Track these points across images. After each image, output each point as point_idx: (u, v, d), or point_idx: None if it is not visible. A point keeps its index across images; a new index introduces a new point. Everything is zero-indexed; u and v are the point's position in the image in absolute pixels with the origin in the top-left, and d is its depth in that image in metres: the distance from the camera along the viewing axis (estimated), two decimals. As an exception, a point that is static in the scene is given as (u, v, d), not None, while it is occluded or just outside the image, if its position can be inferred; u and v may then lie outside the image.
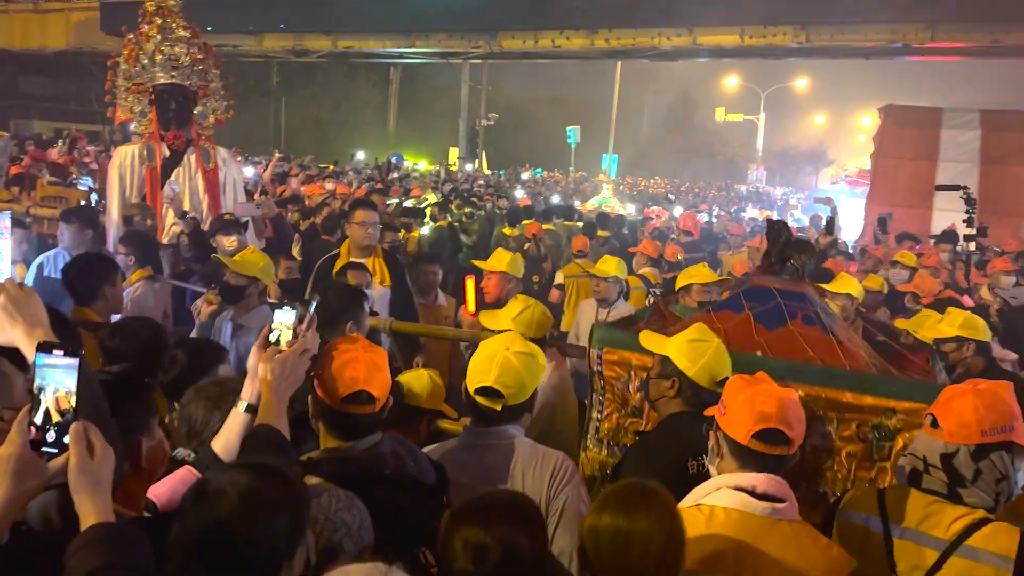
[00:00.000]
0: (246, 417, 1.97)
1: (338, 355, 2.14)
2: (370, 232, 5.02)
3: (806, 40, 19.38)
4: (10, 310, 1.72)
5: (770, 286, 2.92)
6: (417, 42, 23.48)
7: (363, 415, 2.12)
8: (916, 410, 2.42)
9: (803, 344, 2.72)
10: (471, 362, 2.47)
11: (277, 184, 12.76)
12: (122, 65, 6.24)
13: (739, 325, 2.84)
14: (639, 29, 20.63)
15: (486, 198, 14.29)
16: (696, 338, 2.57)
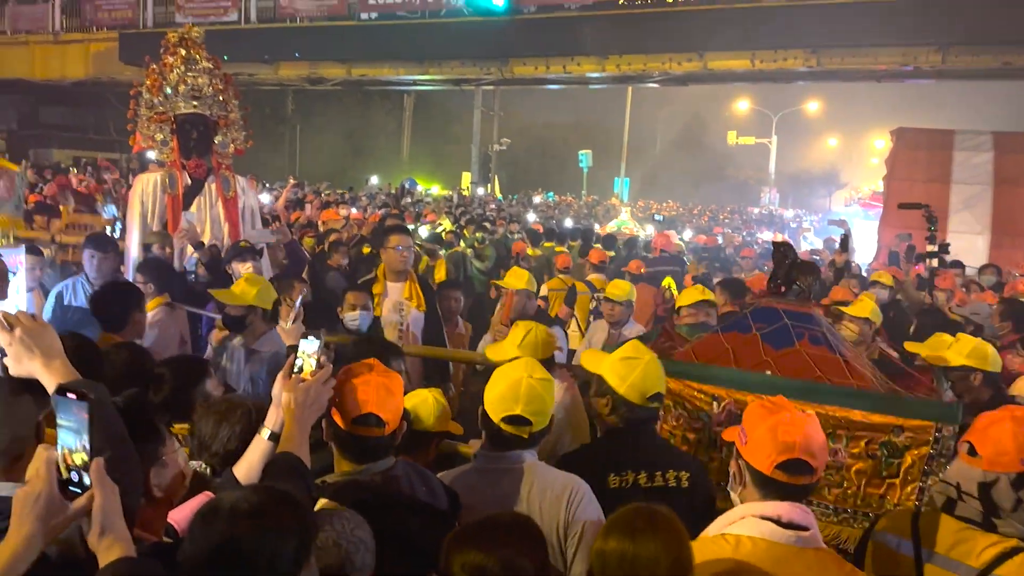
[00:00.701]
0: (269, 444, 2.01)
1: (351, 378, 2.19)
2: (404, 256, 5.15)
3: (816, 64, 19.43)
4: (27, 342, 1.77)
5: (777, 307, 2.97)
6: (430, 69, 23.72)
7: (372, 438, 2.15)
8: (924, 427, 2.46)
9: (811, 364, 2.77)
10: (493, 390, 2.46)
11: (291, 211, 12.89)
12: (145, 95, 6.33)
13: (747, 345, 2.90)
14: (649, 55, 20.76)
15: (499, 223, 14.38)
16: (628, 356, 2.67)
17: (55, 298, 5.18)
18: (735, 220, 30.21)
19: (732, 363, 2.87)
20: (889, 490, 2.56)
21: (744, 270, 10.00)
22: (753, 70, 20.45)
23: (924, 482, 2.55)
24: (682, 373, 2.85)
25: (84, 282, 5.21)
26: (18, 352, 1.76)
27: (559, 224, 17.40)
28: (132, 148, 6.76)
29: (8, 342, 1.76)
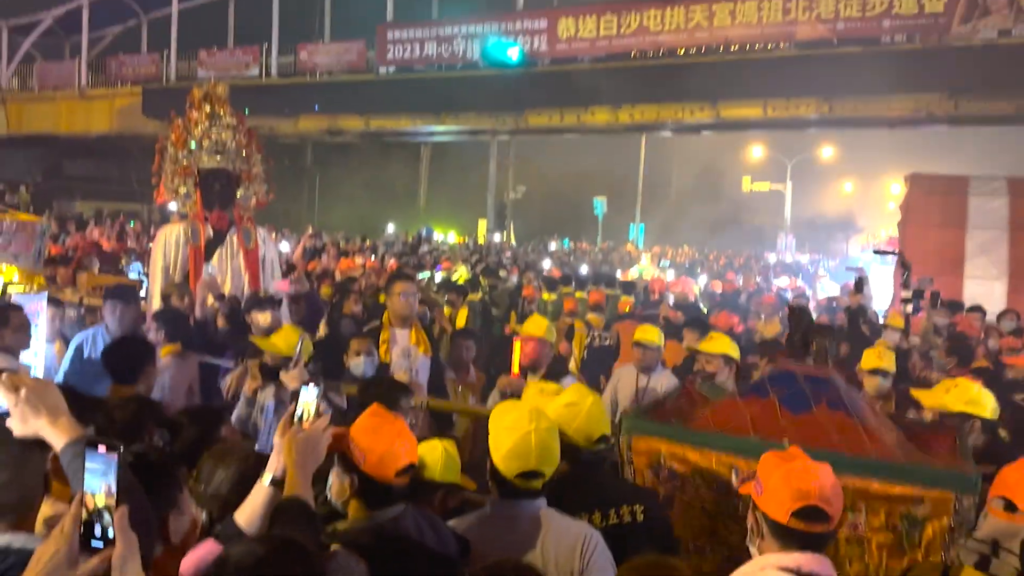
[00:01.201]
0: (270, 490, 2.04)
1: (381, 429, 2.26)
2: (410, 303, 5.20)
3: (829, 111, 19.59)
4: (32, 401, 1.81)
5: (794, 371, 2.96)
6: (447, 120, 24.13)
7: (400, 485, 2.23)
8: (943, 498, 2.42)
9: (828, 429, 2.73)
10: (501, 445, 2.45)
11: (307, 260, 13.02)
12: (169, 148, 6.45)
13: (765, 410, 2.87)
14: (662, 104, 21.02)
15: (513, 270, 14.45)
16: (571, 401, 2.75)
17: (75, 350, 5.22)
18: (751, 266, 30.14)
19: (750, 428, 2.83)
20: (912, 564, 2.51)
21: (763, 317, 9.91)
22: (765, 118, 20.64)
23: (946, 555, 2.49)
24: (700, 442, 2.83)
25: (104, 333, 5.25)
26: (23, 412, 1.79)
27: (575, 270, 17.47)
28: (154, 200, 6.89)
29: (14, 403, 1.80)
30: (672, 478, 2.84)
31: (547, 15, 21.60)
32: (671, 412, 3.26)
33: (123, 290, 5.80)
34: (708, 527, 2.85)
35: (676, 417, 3.19)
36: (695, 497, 2.85)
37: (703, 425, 2.98)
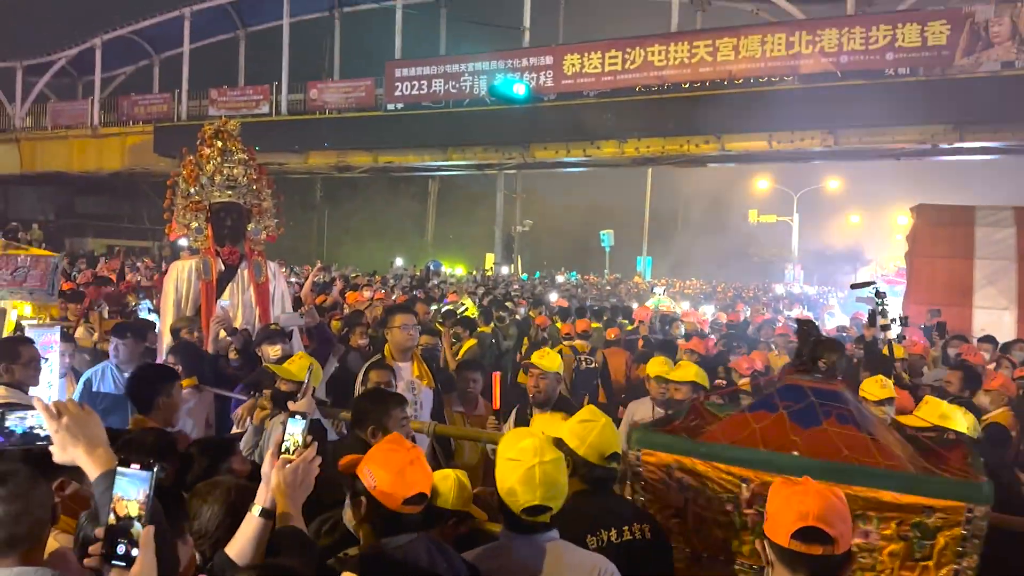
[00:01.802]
0: (260, 521, 2.05)
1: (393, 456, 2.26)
2: (411, 334, 5.21)
3: (834, 143, 19.68)
4: (72, 430, 1.84)
5: (803, 385, 2.96)
6: (454, 155, 24.35)
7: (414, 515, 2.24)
8: (956, 508, 2.43)
9: (838, 443, 2.74)
10: (506, 479, 2.45)
11: (316, 294, 13.06)
12: (181, 184, 6.49)
13: (774, 424, 2.88)
14: (667, 137, 21.17)
15: (521, 302, 14.47)
16: (585, 419, 2.83)
17: (84, 384, 5.26)
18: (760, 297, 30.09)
19: (759, 443, 2.84)
20: (924, 573, 2.52)
21: (778, 349, 9.86)
22: (771, 151, 20.75)
23: (959, 564, 2.49)
24: (709, 455, 2.84)
25: (113, 368, 5.31)
26: (63, 439, 1.82)
27: (582, 302, 17.49)
28: (166, 236, 6.95)
29: (55, 429, 1.84)
30: (683, 490, 2.84)
31: (553, 51, 21.88)
32: (680, 428, 3.27)
33: (133, 326, 5.85)
34: (720, 539, 2.85)
35: (687, 431, 3.20)
36: (707, 509, 2.85)
37: (712, 439, 2.99)
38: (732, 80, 19.53)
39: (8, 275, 5.17)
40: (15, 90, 30.24)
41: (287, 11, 25.55)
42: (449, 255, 39.57)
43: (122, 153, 28.15)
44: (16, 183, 33.02)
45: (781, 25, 19.54)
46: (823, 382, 2.97)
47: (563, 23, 24.47)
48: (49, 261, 5.60)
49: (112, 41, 28.60)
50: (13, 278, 5.20)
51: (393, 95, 23.53)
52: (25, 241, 24.73)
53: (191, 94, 27.18)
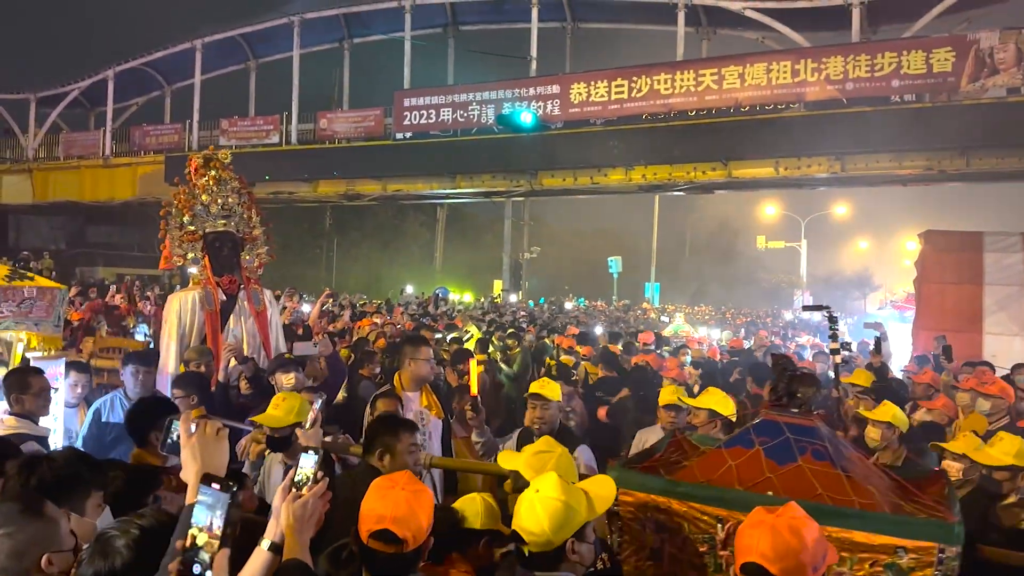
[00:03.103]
0: (269, 555, 2.05)
1: (376, 489, 2.24)
2: (433, 368, 5.23)
3: (841, 170, 19.71)
4: (195, 450, 1.87)
5: (779, 420, 2.94)
6: (462, 183, 24.49)
7: (386, 554, 2.18)
8: (928, 548, 2.42)
9: (812, 480, 2.72)
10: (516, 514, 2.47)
11: (326, 321, 13.10)
12: (175, 215, 6.53)
13: (750, 461, 2.86)
14: (674, 165, 21.25)
15: (530, 329, 14.44)
16: (541, 450, 2.93)
17: (93, 414, 5.24)
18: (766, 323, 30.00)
19: (735, 479, 2.81)
20: None
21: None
22: (777, 177, 20.79)
23: None
24: (686, 494, 2.80)
25: (122, 398, 5.31)
26: (186, 458, 1.87)
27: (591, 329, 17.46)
28: (159, 265, 6.96)
29: (184, 444, 1.87)
30: (660, 530, 2.80)
31: (559, 80, 22.07)
32: (660, 462, 3.21)
33: (144, 354, 5.86)
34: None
35: (664, 467, 3.15)
36: (682, 551, 2.81)
37: (688, 476, 2.95)
38: (738, 107, 19.64)
39: (14, 306, 5.18)
40: (28, 121, 30.63)
41: (297, 42, 25.87)
42: (457, 282, 39.65)
43: (133, 183, 28.42)
44: (28, 213, 33.34)
45: (786, 53, 19.69)
46: (799, 417, 2.94)
47: (570, 53, 24.71)
48: (55, 292, 5.62)
49: (124, 72, 28.98)
50: (20, 309, 5.22)
51: (402, 124, 23.74)
52: (36, 270, 24.95)
53: (202, 124, 27.47)
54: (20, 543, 1.89)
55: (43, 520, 1.94)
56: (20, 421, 4.32)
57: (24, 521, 1.92)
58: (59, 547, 1.91)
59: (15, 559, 1.87)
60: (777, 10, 20.26)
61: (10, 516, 1.92)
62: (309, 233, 42.79)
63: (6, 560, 1.87)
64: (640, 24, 24.35)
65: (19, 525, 1.91)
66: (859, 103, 18.50)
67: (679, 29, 21.42)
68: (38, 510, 1.95)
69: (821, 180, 21.76)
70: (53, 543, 1.92)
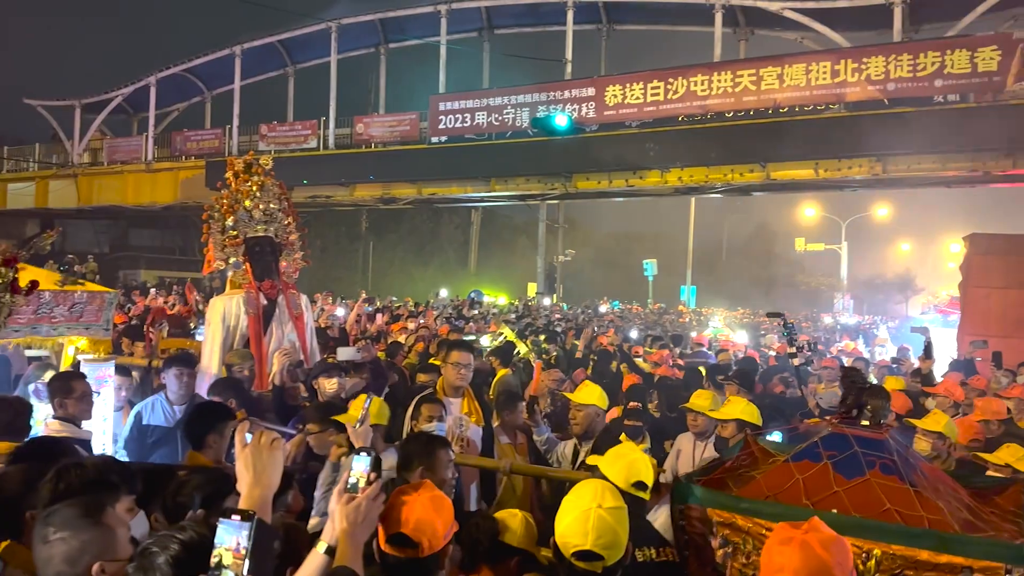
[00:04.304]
0: (324, 558, 2.05)
1: (395, 496, 2.25)
2: (463, 373, 5.17)
3: (882, 171, 19.33)
4: (248, 462, 1.89)
5: (847, 433, 2.91)
6: (497, 187, 24.50)
7: (404, 559, 2.19)
8: (993, 569, 2.37)
9: (880, 495, 2.68)
10: (562, 520, 2.43)
11: (365, 321, 13.18)
12: (217, 218, 6.63)
13: (817, 475, 2.83)
14: (711, 167, 21.04)
15: (570, 334, 14.39)
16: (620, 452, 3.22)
17: (135, 417, 5.31)
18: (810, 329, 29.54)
19: (802, 494, 2.79)
20: None
21: (826, 382, 9.67)
22: (817, 179, 20.46)
23: None
24: (749, 511, 2.78)
25: (163, 401, 5.36)
26: (241, 468, 1.89)
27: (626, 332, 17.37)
28: (203, 269, 7.03)
29: (239, 454, 1.90)
30: (724, 544, 2.78)
31: (595, 83, 21.99)
32: (729, 472, 3.22)
33: (187, 357, 5.93)
34: None
35: (733, 478, 3.14)
36: (746, 566, 2.78)
37: (755, 490, 2.94)
38: (777, 108, 19.39)
39: (66, 311, 5.29)
40: (73, 127, 31.31)
41: (334, 48, 26.12)
42: (491, 285, 39.72)
43: (175, 187, 28.89)
44: (73, 217, 34.09)
45: (826, 53, 19.39)
46: (868, 431, 2.91)
47: (605, 55, 24.61)
48: (104, 296, 5.72)
49: (166, 79, 29.49)
50: (71, 314, 5.32)
51: (437, 128, 23.83)
52: (80, 273, 25.52)
53: (241, 129, 27.85)
54: (74, 549, 1.90)
55: (100, 527, 1.95)
56: (64, 425, 4.41)
57: (80, 527, 1.93)
58: (113, 556, 1.92)
59: (68, 564, 1.89)
60: (816, 10, 19.97)
61: (68, 520, 1.94)
62: (346, 236, 43.22)
63: (60, 564, 1.89)
64: (676, 26, 24.17)
65: (74, 531, 1.92)
66: (901, 103, 18.15)
67: (716, 30, 21.22)
68: (96, 517, 1.97)
69: (862, 182, 21.36)
70: (107, 551, 1.93)
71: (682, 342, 13.82)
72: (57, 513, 1.97)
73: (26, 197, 32.10)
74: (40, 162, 32.68)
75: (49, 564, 1.91)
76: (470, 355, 5.37)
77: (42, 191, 31.85)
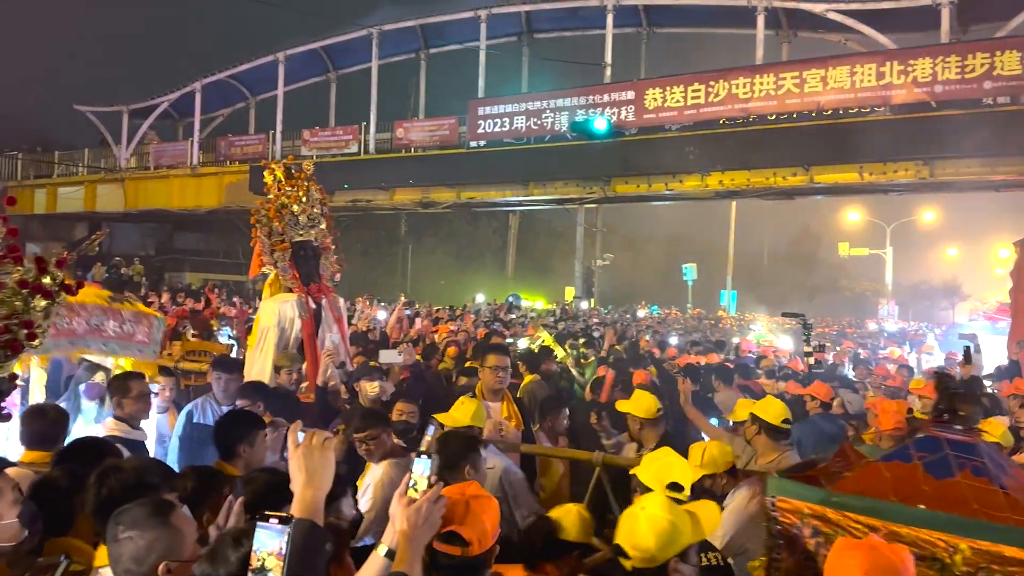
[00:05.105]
0: (384, 561, 2.06)
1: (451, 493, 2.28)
2: (500, 376, 5.20)
3: (929, 175, 18.93)
4: (300, 463, 1.92)
5: (939, 436, 2.96)
6: (535, 191, 24.52)
7: (452, 557, 2.20)
8: None
9: (968, 495, 2.73)
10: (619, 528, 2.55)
11: (405, 324, 13.28)
12: (264, 222, 6.71)
13: (907, 474, 2.89)
14: (752, 170, 20.79)
15: (610, 336, 14.32)
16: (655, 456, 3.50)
17: (186, 416, 5.44)
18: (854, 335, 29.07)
19: (890, 492, 2.86)
20: None
21: (874, 390, 9.48)
22: (862, 183, 20.12)
23: None
24: (840, 504, 2.86)
25: (212, 402, 5.52)
26: (293, 470, 1.92)
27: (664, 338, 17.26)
28: (249, 273, 7.15)
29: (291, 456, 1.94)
30: (816, 535, 2.86)
31: (634, 86, 21.89)
32: (822, 472, 3.30)
33: (228, 361, 6.02)
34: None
35: (825, 477, 3.23)
36: None
37: (845, 487, 3.01)
38: (820, 111, 19.11)
39: (117, 327, 5.30)
40: (121, 132, 32.04)
41: (375, 54, 26.37)
42: (529, 289, 39.73)
43: (219, 191, 29.38)
44: (120, 220, 34.87)
45: (871, 55, 19.07)
46: (961, 434, 2.94)
47: (645, 58, 24.49)
48: (152, 319, 5.72)
49: (211, 85, 30.04)
50: (122, 330, 5.33)
51: (476, 133, 23.92)
52: (127, 276, 26.09)
53: (284, 135, 28.26)
54: (141, 548, 1.95)
55: (167, 528, 1.99)
56: (118, 424, 4.51)
57: (148, 527, 1.98)
58: (179, 556, 1.96)
59: (135, 563, 1.94)
60: (861, 11, 19.66)
61: (136, 520, 1.99)
62: (385, 240, 43.58)
63: (128, 562, 1.94)
64: (718, 28, 23.97)
65: (141, 530, 1.97)
66: (949, 106, 17.76)
67: (758, 32, 21.00)
68: (164, 517, 2.01)
69: (908, 186, 20.94)
70: (173, 551, 1.97)
71: (725, 348, 13.69)
72: (127, 512, 2.03)
73: (75, 201, 32.92)
74: (89, 167, 33.49)
75: (118, 562, 1.97)
76: (507, 358, 5.40)
77: (91, 195, 32.65)
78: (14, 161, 34.33)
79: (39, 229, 33.75)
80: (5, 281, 3.28)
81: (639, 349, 12.80)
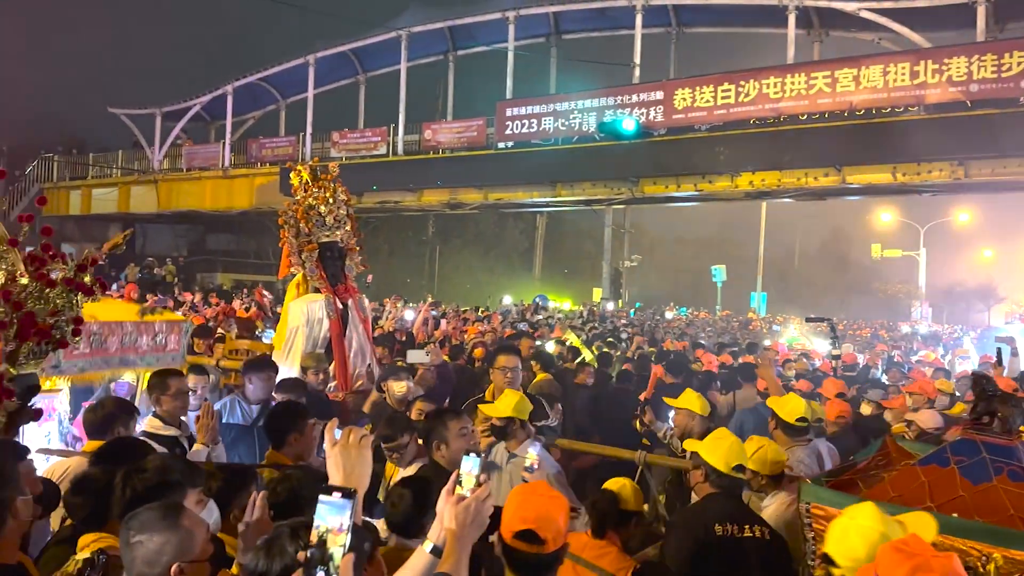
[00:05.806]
0: (430, 558, 2.04)
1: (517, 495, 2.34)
2: (510, 377, 5.18)
3: (964, 176, 18.58)
4: (338, 460, 1.94)
5: (976, 440, 2.93)
6: (562, 192, 24.46)
7: (531, 554, 2.23)
8: None
9: (1006, 501, 2.69)
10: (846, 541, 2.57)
11: (431, 327, 13.32)
12: (292, 223, 6.77)
13: (944, 479, 2.87)
14: (783, 170, 20.55)
15: (639, 339, 14.28)
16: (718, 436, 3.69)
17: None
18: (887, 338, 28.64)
19: (927, 496, 2.83)
20: None
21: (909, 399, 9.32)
22: (895, 183, 19.80)
23: None
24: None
25: (240, 401, 5.54)
26: (331, 466, 1.94)
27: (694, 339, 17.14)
28: (278, 273, 7.23)
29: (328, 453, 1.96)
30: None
31: (663, 87, 21.75)
32: (860, 473, 3.30)
33: (260, 362, 6.07)
34: None
35: (863, 479, 3.21)
36: None
37: (880, 492, 2.99)
38: (853, 111, 18.86)
39: (151, 340, 5.42)
40: (155, 135, 32.51)
41: (404, 56, 26.47)
42: (556, 290, 39.68)
43: (250, 193, 29.68)
44: (153, 221, 35.37)
45: (905, 54, 18.79)
46: (998, 437, 2.91)
47: (674, 58, 24.34)
48: (180, 326, 5.87)
49: (242, 88, 30.34)
50: (155, 343, 5.46)
51: (504, 134, 23.93)
52: (160, 276, 26.44)
53: (314, 136, 28.48)
54: (151, 551, 1.98)
55: (177, 529, 2.02)
56: (153, 422, 4.56)
57: (158, 529, 2.00)
58: (190, 556, 1.98)
59: (148, 565, 1.96)
60: (895, 10, 19.37)
61: (147, 523, 2.02)
62: (413, 240, 43.77)
63: (141, 566, 1.97)
64: (748, 27, 23.76)
65: (152, 533, 1.99)
66: (984, 105, 17.44)
67: (790, 32, 20.77)
68: (173, 519, 2.04)
69: (942, 186, 20.58)
70: (185, 552, 1.99)
71: (757, 350, 13.61)
72: (137, 517, 2.06)
73: (109, 202, 33.43)
74: (122, 168, 34.01)
75: (132, 566, 1.99)
76: (516, 359, 5.40)
77: (124, 196, 33.14)
78: (50, 163, 34.94)
79: (74, 230, 34.34)
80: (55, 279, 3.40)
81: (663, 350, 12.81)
